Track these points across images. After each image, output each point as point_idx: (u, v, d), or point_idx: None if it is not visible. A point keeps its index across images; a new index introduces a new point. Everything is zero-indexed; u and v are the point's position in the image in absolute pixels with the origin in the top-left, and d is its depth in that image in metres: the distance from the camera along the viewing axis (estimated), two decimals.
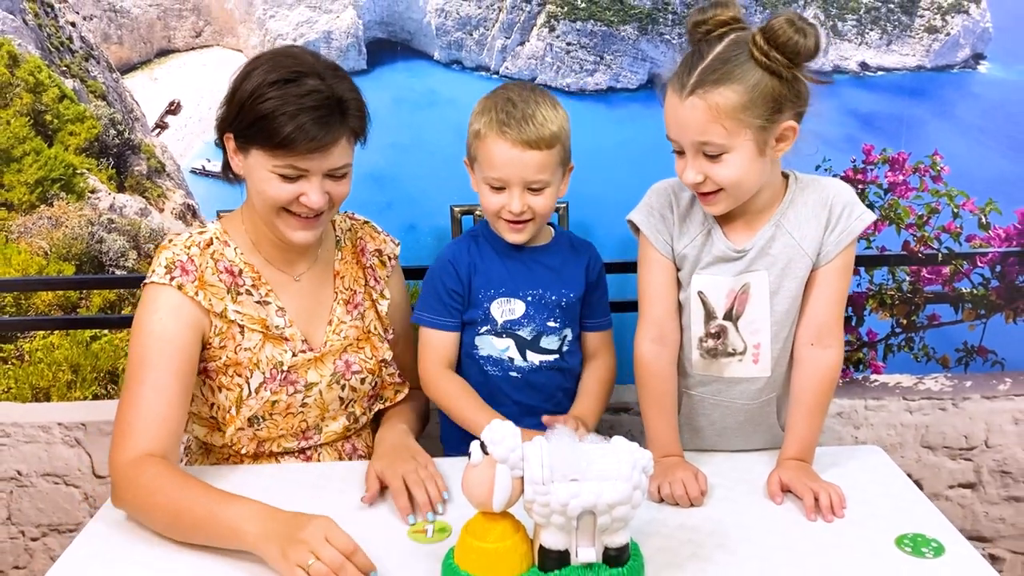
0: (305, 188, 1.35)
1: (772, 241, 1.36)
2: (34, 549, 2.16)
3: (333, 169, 1.37)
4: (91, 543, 1.25)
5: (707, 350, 1.41)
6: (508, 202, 1.46)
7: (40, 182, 1.94)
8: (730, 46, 1.26)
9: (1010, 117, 1.94)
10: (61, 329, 2.02)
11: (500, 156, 1.43)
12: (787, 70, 1.24)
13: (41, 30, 1.87)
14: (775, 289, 1.37)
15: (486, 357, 1.56)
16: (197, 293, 1.37)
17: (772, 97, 1.25)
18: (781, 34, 1.22)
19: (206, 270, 1.40)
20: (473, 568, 1.07)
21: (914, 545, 1.18)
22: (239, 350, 1.41)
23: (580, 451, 1.05)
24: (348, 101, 1.36)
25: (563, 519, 1.03)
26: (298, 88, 1.31)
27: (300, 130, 1.30)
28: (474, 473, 1.05)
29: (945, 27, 1.91)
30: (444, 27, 1.90)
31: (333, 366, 1.48)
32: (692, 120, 1.26)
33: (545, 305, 1.55)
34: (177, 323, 1.36)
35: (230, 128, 1.39)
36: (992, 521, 2.20)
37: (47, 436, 2.08)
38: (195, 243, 1.42)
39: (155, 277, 1.37)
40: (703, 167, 1.29)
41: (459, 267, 1.54)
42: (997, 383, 2.10)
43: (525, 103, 1.44)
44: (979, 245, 2.00)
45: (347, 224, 1.61)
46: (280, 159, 1.33)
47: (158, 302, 1.36)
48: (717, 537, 1.21)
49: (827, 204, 1.36)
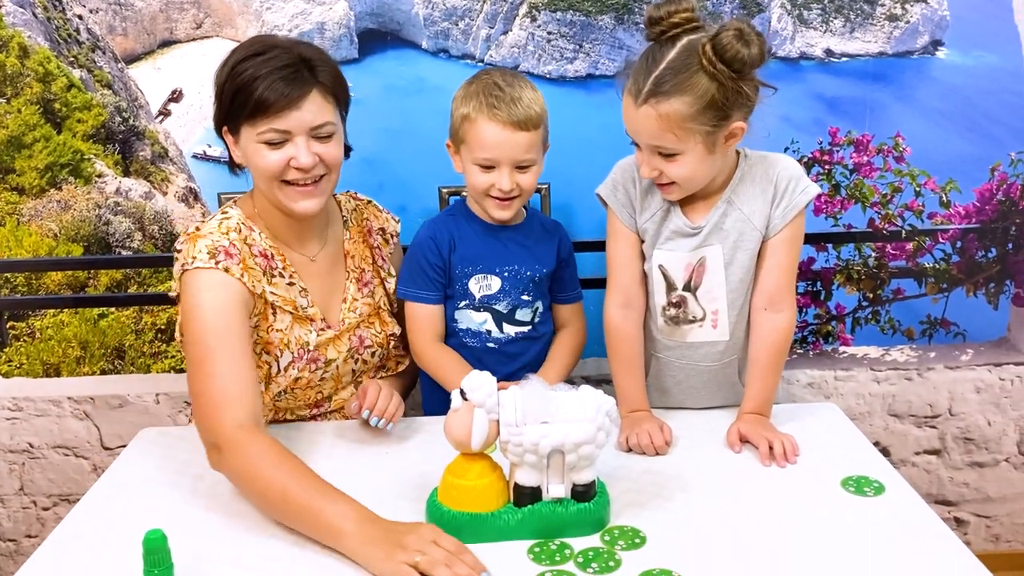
0: (292, 151, 1.40)
1: (724, 217, 1.45)
2: (45, 518, 2.25)
3: (315, 128, 1.41)
4: (96, 505, 1.32)
5: (670, 317, 1.51)
6: (498, 180, 1.53)
7: (49, 167, 2.01)
8: (682, 53, 1.31)
9: (967, 100, 2.02)
10: (70, 307, 2.09)
11: (491, 137, 1.50)
12: (732, 81, 1.30)
13: (50, 23, 1.96)
14: (729, 261, 1.46)
15: (465, 330, 1.64)
16: (243, 275, 1.40)
17: (719, 105, 1.31)
18: (728, 48, 1.28)
19: (245, 254, 1.43)
20: (455, 504, 1.17)
21: (857, 485, 1.29)
22: (271, 331, 1.46)
23: (550, 397, 1.15)
24: (313, 59, 1.42)
25: (535, 458, 1.14)
26: (265, 56, 1.39)
27: (270, 89, 1.36)
28: (455, 417, 1.15)
29: (905, 15, 2.01)
30: (431, 17, 2.00)
31: (349, 342, 1.56)
32: (645, 127, 1.35)
33: (520, 280, 1.63)
34: (230, 300, 1.37)
35: (223, 120, 1.46)
36: (956, 486, 2.29)
37: (58, 410, 2.16)
38: (230, 228, 1.45)
39: (199, 263, 1.38)
40: (658, 164, 1.38)
41: (440, 244, 1.61)
42: (959, 354, 2.19)
43: (511, 87, 1.51)
44: (940, 222, 2.08)
45: (352, 204, 1.67)
46: (261, 124, 1.39)
47: (207, 283, 1.37)
48: (679, 481, 1.32)
49: (773, 180, 1.44)
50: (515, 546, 1.16)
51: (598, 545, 1.16)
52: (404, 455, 1.43)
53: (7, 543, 2.27)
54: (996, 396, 2.22)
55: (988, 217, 2.08)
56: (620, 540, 1.17)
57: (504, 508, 1.17)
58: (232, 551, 1.18)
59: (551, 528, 1.17)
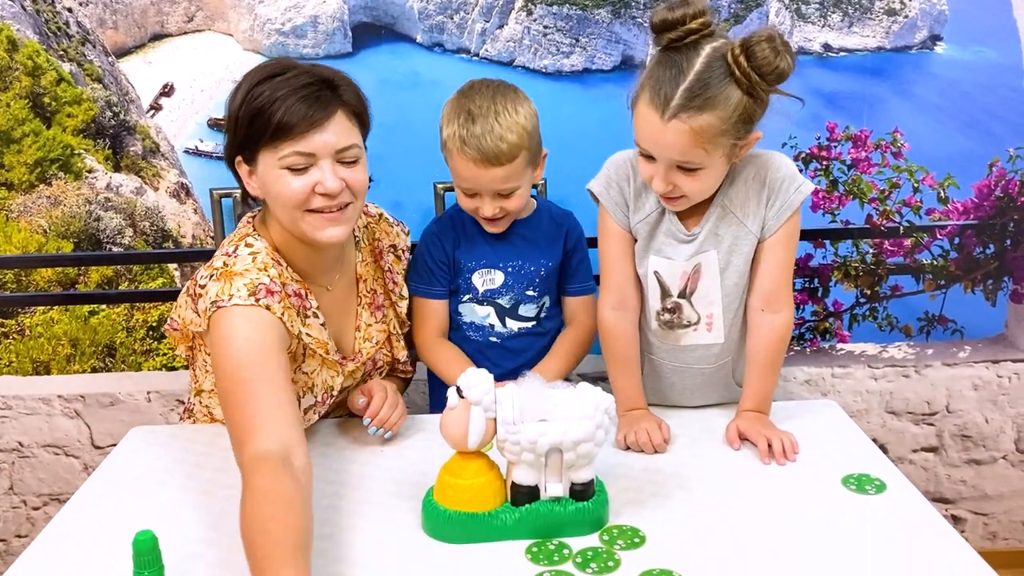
0: (317, 176, 1.31)
1: (719, 222, 1.42)
2: (35, 518, 2.23)
3: (340, 151, 1.32)
4: (85, 505, 1.29)
5: (664, 322, 1.48)
6: (480, 206, 1.52)
7: (39, 162, 1.99)
8: (709, 63, 1.25)
9: (966, 96, 2.02)
10: (60, 304, 2.07)
11: (464, 172, 1.48)
12: (766, 93, 1.26)
13: (39, 15, 1.94)
14: (724, 266, 1.43)
15: (468, 323, 1.64)
16: (283, 314, 1.30)
17: (747, 117, 1.28)
18: (761, 57, 1.23)
19: (282, 293, 1.32)
20: (451, 504, 1.15)
21: (859, 483, 1.28)
22: (297, 371, 1.39)
23: (548, 395, 1.14)
24: (335, 79, 1.34)
25: (533, 456, 1.12)
26: (284, 77, 1.31)
27: (292, 110, 1.28)
28: (451, 415, 1.14)
29: (904, 9, 2.00)
30: (426, 11, 1.98)
31: (364, 369, 1.52)
32: (675, 143, 1.27)
33: (524, 276, 1.62)
34: (267, 336, 1.26)
35: (236, 149, 1.36)
36: (954, 483, 2.29)
37: (47, 408, 2.14)
38: (267, 264, 1.33)
39: (237, 300, 1.26)
40: (675, 178, 1.32)
41: (444, 241, 1.61)
42: (957, 351, 2.19)
43: (484, 117, 1.45)
44: (938, 218, 2.08)
45: (363, 221, 1.57)
46: (284, 148, 1.29)
47: (246, 316, 1.26)
48: (678, 479, 1.30)
49: (766, 180, 1.40)
50: (513, 546, 1.14)
51: (597, 545, 1.14)
52: (400, 453, 1.41)
53: None
54: (994, 393, 2.21)
55: (986, 213, 2.07)
56: (619, 539, 1.15)
57: (501, 507, 1.16)
58: (222, 552, 1.16)
59: (549, 527, 1.15)
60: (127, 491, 1.33)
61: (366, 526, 1.20)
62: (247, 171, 1.37)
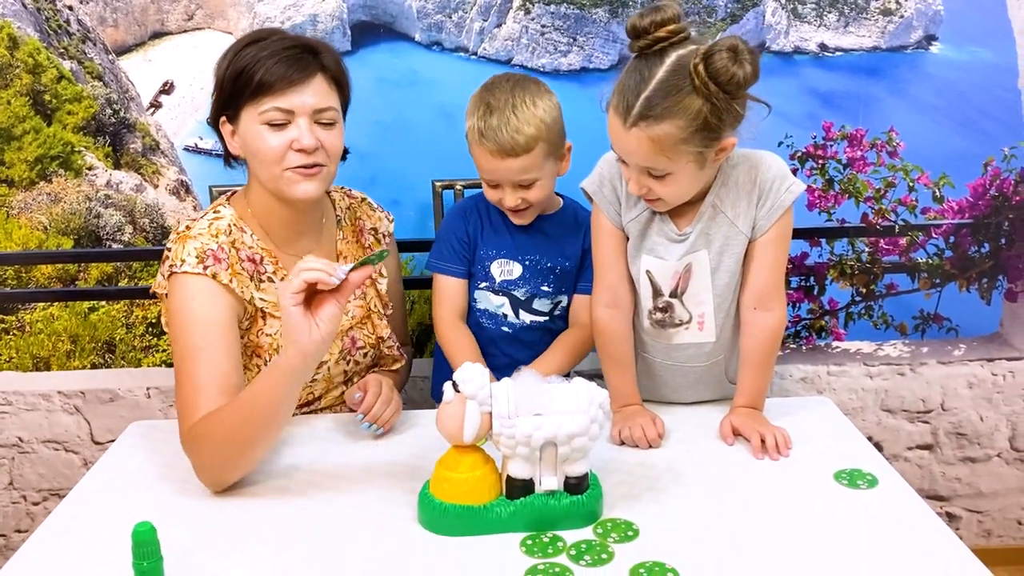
0: (294, 133, 1.38)
1: (710, 222, 1.42)
2: (35, 513, 2.24)
3: (317, 111, 1.39)
4: (84, 499, 1.30)
5: (656, 321, 1.49)
6: (503, 197, 1.56)
7: (39, 159, 2.01)
8: (672, 72, 1.25)
9: (961, 95, 2.03)
10: (60, 301, 2.09)
11: (484, 163, 1.53)
12: (725, 102, 1.25)
13: (40, 13, 1.95)
14: (715, 267, 1.43)
15: (482, 311, 1.67)
16: (231, 280, 1.38)
17: (711, 126, 1.27)
18: (721, 69, 1.22)
19: (233, 259, 1.41)
20: (447, 497, 1.16)
21: (850, 478, 1.29)
22: (260, 335, 1.45)
23: (543, 389, 1.15)
24: (318, 46, 1.42)
25: (527, 450, 1.13)
26: (268, 41, 1.39)
27: (272, 70, 1.36)
28: (447, 410, 1.15)
29: (899, 9, 2.01)
30: (425, 10, 1.99)
31: (340, 343, 1.54)
32: (636, 150, 1.29)
33: (540, 271, 1.64)
34: (216, 307, 1.36)
35: (221, 108, 1.43)
36: (948, 481, 2.30)
37: (47, 404, 2.16)
38: (219, 231, 1.42)
39: (187, 267, 1.36)
40: (646, 183, 1.34)
41: (468, 221, 1.65)
42: (952, 349, 2.20)
43: (502, 110, 1.49)
44: (933, 217, 2.09)
45: (346, 203, 1.64)
46: (264, 103, 1.37)
47: (194, 290, 1.36)
48: (672, 474, 1.31)
49: (756, 180, 1.40)
50: (507, 539, 1.15)
51: (591, 538, 1.15)
52: (396, 448, 1.42)
53: None
54: (988, 391, 2.22)
55: (981, 212, 2.08)
56: (613, 533, 1.16)
57: (496, 501, 1.17)
58: (222, 544, 1.17)
59: (544, 521, 1.16)
60: (126, 485, 1.33)
61: (363, 519, 1.21)
62: (230, 131, 1.44)
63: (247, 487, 1.31)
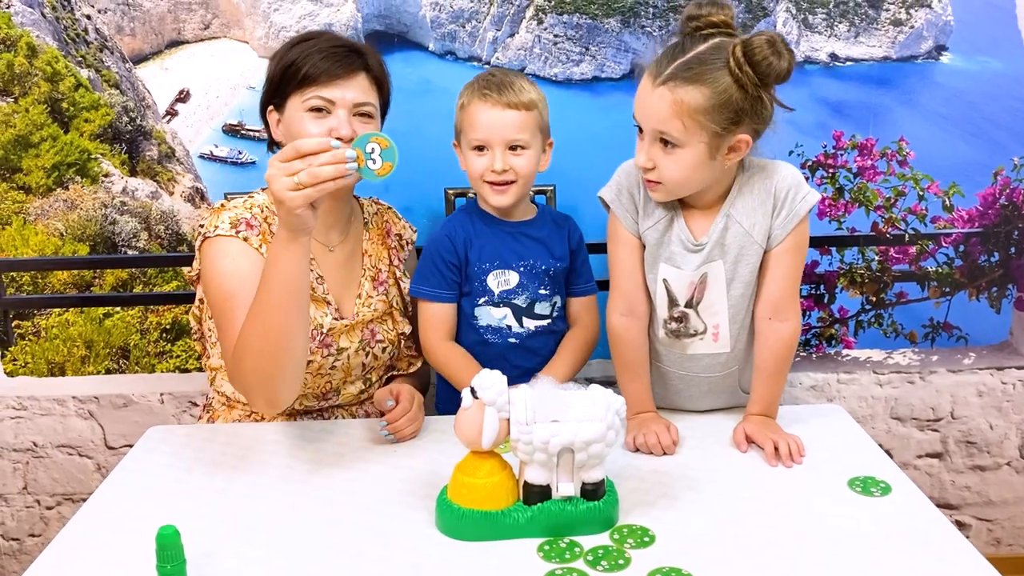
0: (333, 123, 1.47)
1: (725, 232, 1.43)
2: (49, 517, 2.25)
3: (358, 104, 1.49)
4: (103, 505, 1.31)
5: (671, 330, 1.50)
6: (491, 163, 1.56)
7: (56, 167, 2.02)
8: (711, 49, 1.31)
9: (971, 105, 2.04)
10: (76, 307, 2.10)
11: (482, 117, 1.56)
12: (754, 87, 1.30)
13: (58, 23, 1.97)
14: (730, 277, 1.45)
15: (486, 327, 1.65)
16: (261, 246, 1.47)
17: (734, 108, 1.30)
18: (758, 52, 1.27)
19: (264, 229, 1.50)
20: (465, 502, 1.18)
21: (864, 486, 1.30)
22: None
23: (560, 396, 1.16)
24: (363, 48, 1.55)
25: (545, 456, 1.15)
26: (318, 40, 1.52)
27: (320, 64, 1.47)
28: (465, 416, 1.16)
29: (909, 20, 2.03)
30: (438, 20, 2.01)
31: (361, 334, 1.59)
32: (656, 108, 1.32)
33: (536, 274, 1.65)
34: (249, 262, 1.44)
35: (269, 98, 1.55)
36: (958, 489, 2.31)
37: (62, 409, 2.17)
38: (255, 204, 1.53)
39: (220, 231, 1.47)
40: (655, 155, 1.35)
41: (456, 242, 1.64)
42: (962, 357, 2.21)
43: (504, 75, 1.60)
44: (943, 226, 2.10)
45: (374, 208, 1.73)
46: (308, 92, 1.47)
47: (227, 248, 1.46)
48: (686, 480, 1.32)
49: (771, 190, 1.41)
50: (525, 544, 1.16)
51: (607, 543, 1.17)
52: (414, 453, 1.44)
53: (10, 542, 2.27)
54: (998, 400, 2.23)
55: (991, 221, 2.09)
56: (629, 538, 1.17)
57: (514, 506, 1.18)
58: (242, 546, 1.18)
59: (560, 526, 1.18)
60: (146, 489, 1.35)
61: (381, 523, 1.23)
62: (276, 119, 1.55)
63: (267, 491, 1.32)
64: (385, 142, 1.25)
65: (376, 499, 1.29)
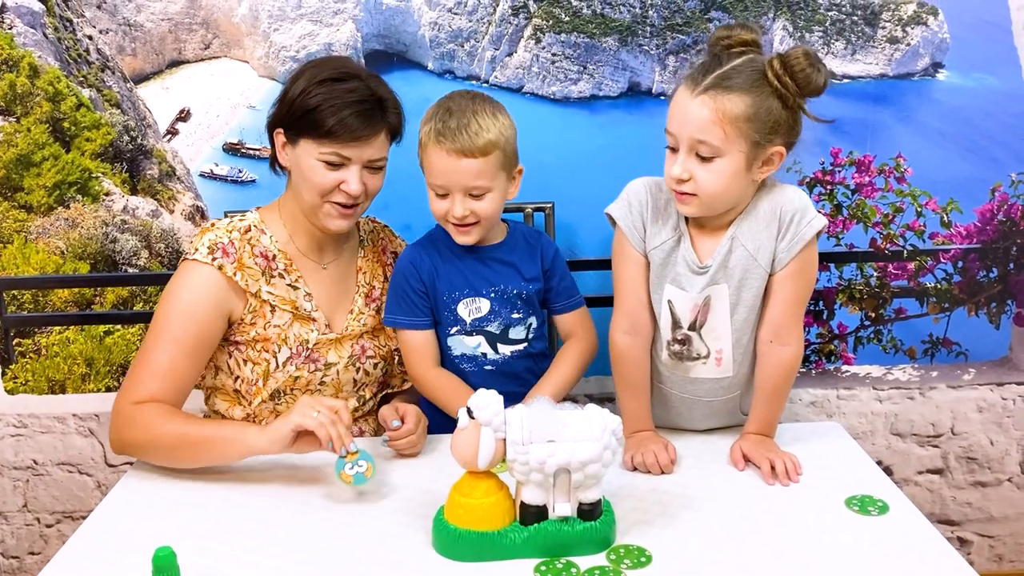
0: (346, 176, 1.49)
1: (730, 254, 1.42)
2: (49, 535, 2.25)
3: (371, 160, 1.51)
4: (102, 524, 1.32)
5: (674, 353, 1.49)
6: (451, 207, 1.50)
7: (58, 185, 2.03)
8: (747, 62, 1.34)
9: (968, 121, 2.04)
10: (76, 325, 2.10)
11: (438, 165, 1.48)
12: (794, 99, 1.32)
13: (60, 43, 1.99)
14: (734, 302, 1.44)
15: (460, 356, 1.61)
16: (235, 273, 1.49)
17: (773, 119, 1.32)
18: (796, 64, 1.31)
19: (244, 253, 1.52)
20: (461, 523, 1.18)
21: (861, 505, 1.30)
22: (268, 327, 1.53)
23: (556, 416, 1.16)
24: (387, 100, 1.53)
25: (541, 476, 1.15)
26: (343, 85, 1.48)
27: (344, 122, 1.46)
28: (461, 436, 1.16)
29: (906, 38, 2.04)
30: (437, 39, 2.02)
31: (350, 348, 1.60)
32: (697, 117, 1.32)
33: (508, 299, 1.60)
34: (206, 301, 1.48)
35: (280, 124, 1.53)
36: (959, 505, 2.30)
37: (62, 427, 2.17)
38: (236, 228, 1.54)
39: (198, 256, 1.49)
40: (691, 166, 1.35)
41: (421, 270, 1.58)
42: (961, 373, 2.20)
43: (462, 113, 1.47)
44: (942, 242, 2.10)
45: (370, 227, 1.75)
46: (326, 147, 1.48)
47: (194, 278, 1.49)
48: (684, 499, 1.32)
49: (777, 213, 1.41)
50: (521, 564, 1.16)
51: (604, 564, 1.17)
52: (411, 473, 1.44)
53: (10, 560, 2.27)
54: (998, 415, 2.22)
55: (989, 237, 2.09)
56: (626, 558, 1.17)
57: (510, 526, 1.18)
58: (239, 567, 1.18)
59: (557, 546, 1.18)
60: (144, 509, 1.35)
61: (378, 543, 1.23)
62: (283, 143, 1.54)
63: (264, 511, 1.32)
64: (369, 469, 1.33)
65: (373, 519, 1.29)
